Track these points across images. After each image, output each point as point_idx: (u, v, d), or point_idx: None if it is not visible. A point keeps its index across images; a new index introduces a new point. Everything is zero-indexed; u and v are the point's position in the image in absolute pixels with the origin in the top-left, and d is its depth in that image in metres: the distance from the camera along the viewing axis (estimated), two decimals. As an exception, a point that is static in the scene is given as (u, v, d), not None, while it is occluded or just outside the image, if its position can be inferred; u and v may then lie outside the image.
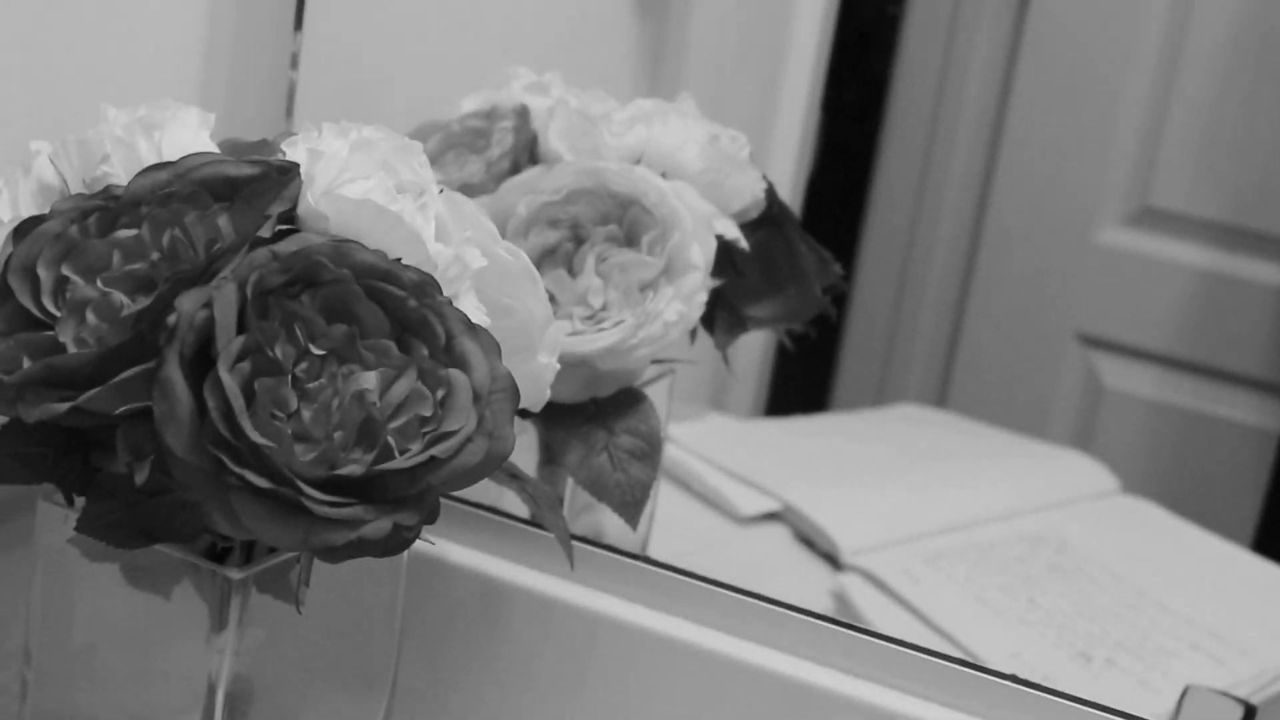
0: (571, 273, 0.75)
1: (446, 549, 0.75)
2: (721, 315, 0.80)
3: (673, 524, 1.00)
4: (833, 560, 1.02)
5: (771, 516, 1.06)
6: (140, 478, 0.56)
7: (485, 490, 0.77)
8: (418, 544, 0.72)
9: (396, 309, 0.57)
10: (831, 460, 1.13)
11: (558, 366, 0.66)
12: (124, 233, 0.57)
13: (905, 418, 1.29)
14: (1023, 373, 1.76)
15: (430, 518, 0.56)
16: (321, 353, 0.55)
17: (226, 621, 0.62)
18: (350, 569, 0.68)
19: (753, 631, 0.72)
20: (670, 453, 1.05)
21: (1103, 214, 1.70)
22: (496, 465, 0.57)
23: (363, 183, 0.58)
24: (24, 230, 0.57)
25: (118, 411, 0.55)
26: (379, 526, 0.54)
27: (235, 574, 0.61)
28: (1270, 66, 1.65)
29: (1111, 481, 1.17)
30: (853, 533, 1.03)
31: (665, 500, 0.91)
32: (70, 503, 0.62)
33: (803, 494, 1.06)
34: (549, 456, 0.78)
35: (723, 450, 1.11)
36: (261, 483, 0.53)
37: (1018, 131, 1.70)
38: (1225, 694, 0.85)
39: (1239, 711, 0.73)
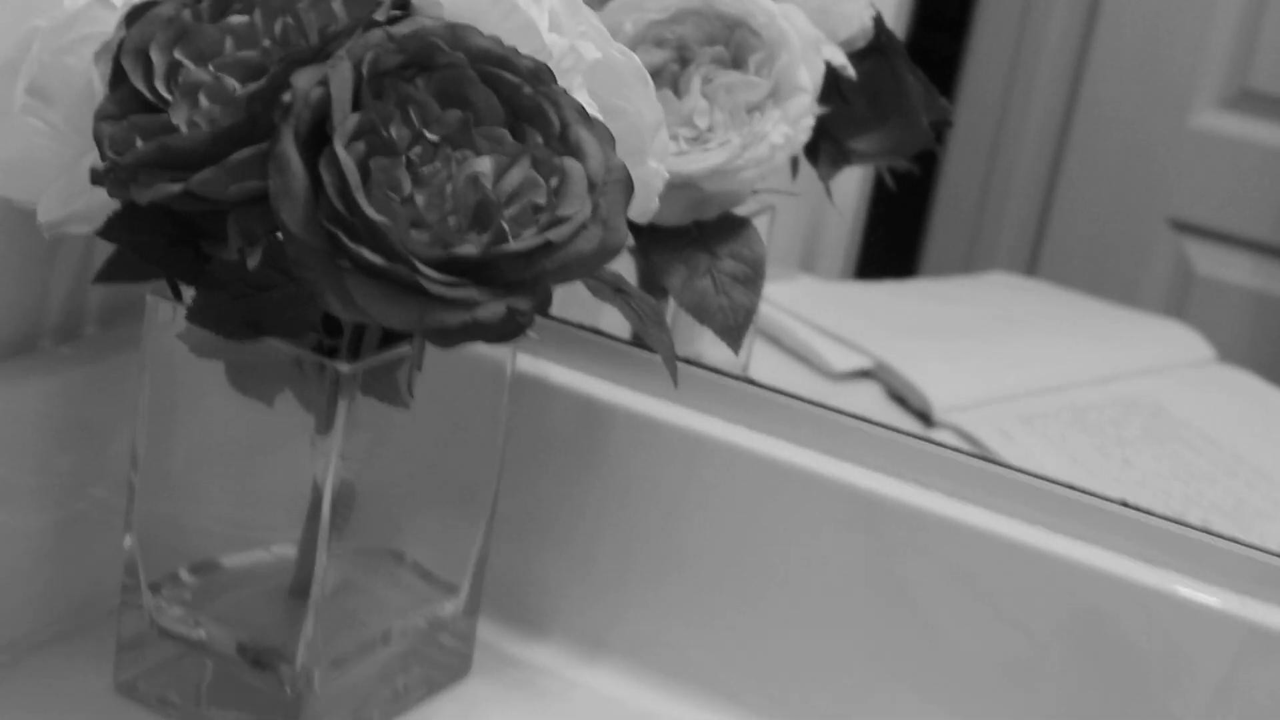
0: (677, 93, 0.73)
1: (547, 369, 0.74)
2: (825, 146, 0.79)
3: (764, 380, 0.99)
4: (926, 418, 1.02)
5: (864, 374, 1.05)
6: (252, 262, 0.56)
7: (584, 310, 0.76)
8: (520, 362, 0.71)
9: (511, 95, 0.56)
10: (924, 320, 1.12)
11: (666, 175, 0.65)
12: (236, 19, 0.57)
13: (999, 284, 1.28)
14: (1113, 255, 1.73)
15: (543, 306, 0.55)
16: (435, 138, 0.55)
17: (334, 421, 0.61)
18: (454, 381, 0.68)
19: (854, 453, 0.72)
20: (761, 309, 1.04)
21: (1199, 96, 1.67)
22: (611, 256, 0.56)
23: (478, -30, 0.57)
24: (136, 14, 0.57)
25: (230, 193, 0.55)
26: (493, 309, 0.53)
27: (344, 367, 0.60)
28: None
29: (1208, 350, 1.15)
30: (946, 390, 1.02)
31: (756, 356, 0.90)
32: (179, 297, 0.62)
33: (896, 351, 1.05)
34: (650, 283, 0.77)
35: (814, 308, 1.10)
36: (377, 260, 0.52)
37: (1115, 6, 1.67)
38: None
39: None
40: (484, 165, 0.55)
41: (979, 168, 1.80)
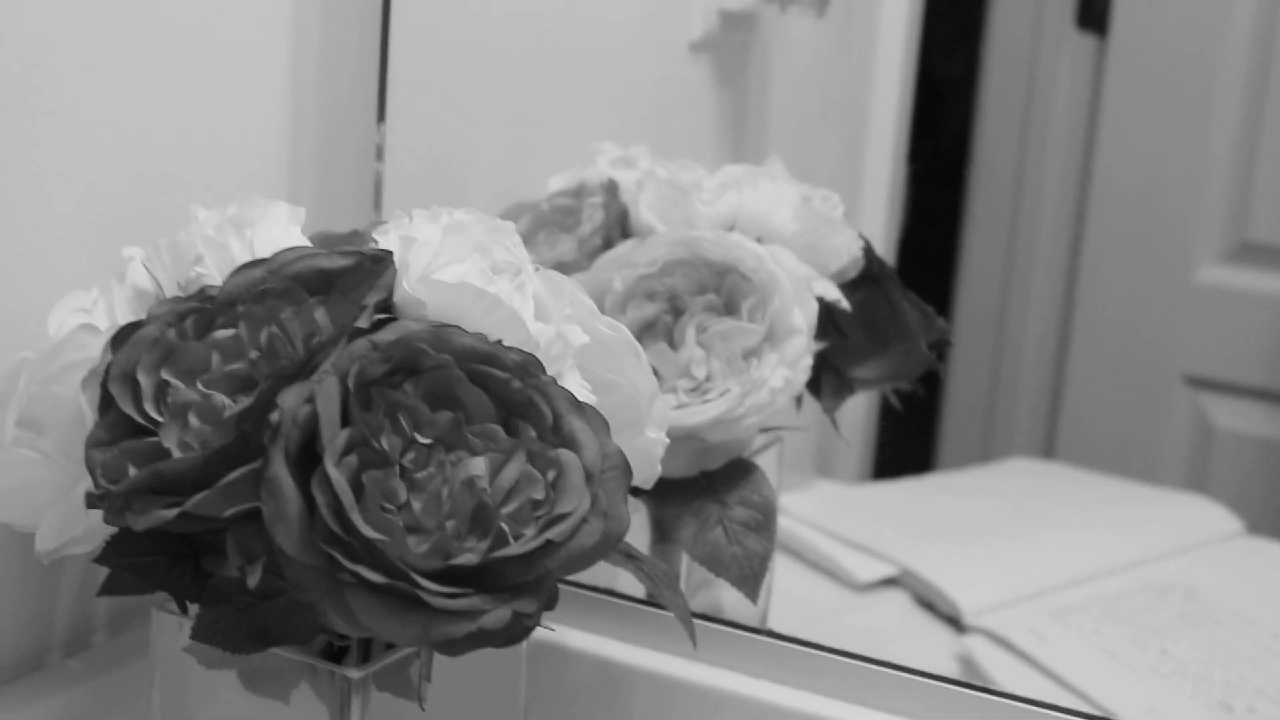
0: (673, 345, 0.73)
1: (565, 634, 0.73)
2: (827, 378, 0.78)
3: (790, 596, 0.98)
4: (955, 623, 1.00)
5: (889, 581, 1.03)
6: (253, 580, 0.55)
7: (600, 571, 0.75)
8: (536, 630, 0.70)
9: (501, 391, 0.55)
10: (946, 520, 1.10)
11: (667, 441, 0.64)
12: (221, 333, 0.57)
13: (1017, 471, 1.27)
14: (1130, 418, 1.72)
15: (549, 603, 0.55)
16: (428, 441, 0.54)
17: (348, 721, 0.60)
18: (470, 659, 0.67)
19: (881, 700, 0.70)
20: (781, 523, 1.03)
21: (1200, 252, 1.67)
22: (614, 546, 0.56)
23: (458, 266, 0.57)
24: (122, 337, 0.57)
25: (226, 514, 0.54)
26: (498, 616, 0.53)
27: (354, 673, 0.59)
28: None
29: (1234, 524, 1.14)
30: (974, 593, 1.01)
31: (780, 571, 0.89)
32: (184, 610, 0.61)
33: (920, 556, 1.03)
34: (662, 534, 0.76)
35: (834, 517, 1.09)
36: (377, 578, 0.52)
37: (1107, 173, 1.68)
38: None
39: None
40: (478, 466, 0.54)
41: (987, 353, 1.80)
